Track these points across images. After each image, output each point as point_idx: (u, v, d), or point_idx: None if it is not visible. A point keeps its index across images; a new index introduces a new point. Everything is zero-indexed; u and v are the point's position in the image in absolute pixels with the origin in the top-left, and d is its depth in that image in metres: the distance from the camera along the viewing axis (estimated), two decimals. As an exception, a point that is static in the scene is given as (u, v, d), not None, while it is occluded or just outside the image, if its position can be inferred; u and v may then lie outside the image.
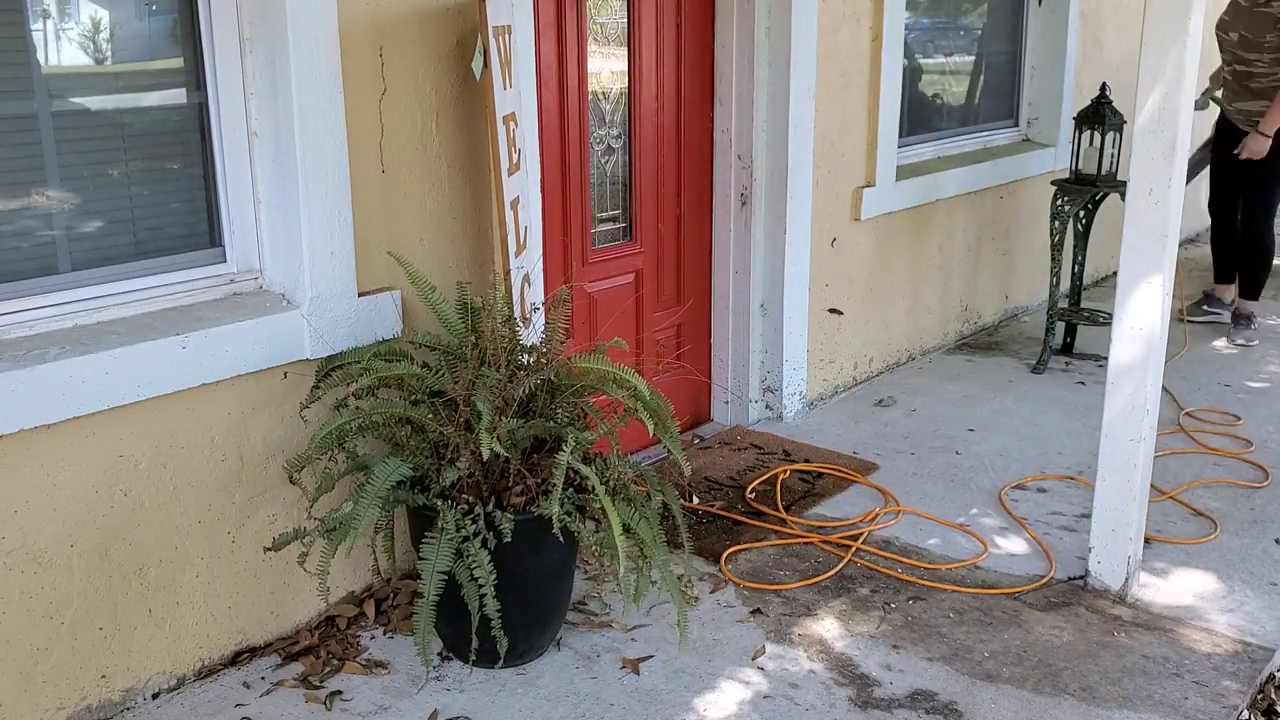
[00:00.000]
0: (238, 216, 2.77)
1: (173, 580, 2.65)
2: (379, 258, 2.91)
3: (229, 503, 2.72)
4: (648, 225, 3.97)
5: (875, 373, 4.90)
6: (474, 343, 2.72)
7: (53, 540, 2.43)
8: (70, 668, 2.49)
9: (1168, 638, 2.92)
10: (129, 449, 2.52)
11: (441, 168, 3.02)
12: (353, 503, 2.47)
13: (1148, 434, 2.98)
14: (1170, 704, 2.65)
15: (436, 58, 2.96)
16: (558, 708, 2.63)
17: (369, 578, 3.05)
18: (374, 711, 2.62)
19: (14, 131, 2.47)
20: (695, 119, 4.07)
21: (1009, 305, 5.77)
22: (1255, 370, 5.02)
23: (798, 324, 4.32)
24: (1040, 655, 2.84)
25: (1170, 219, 2.84)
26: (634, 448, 3.89)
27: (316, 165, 2.70)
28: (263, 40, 2.66)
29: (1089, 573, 3.14)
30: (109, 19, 2.63)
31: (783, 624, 2.98)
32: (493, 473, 2.62)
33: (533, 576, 2.70)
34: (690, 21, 3.97)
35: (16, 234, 2.50)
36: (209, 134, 2.72)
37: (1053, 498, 3.74)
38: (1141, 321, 2.90)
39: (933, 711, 2.62)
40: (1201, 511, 3.62)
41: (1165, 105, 2.79)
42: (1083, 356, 5.19)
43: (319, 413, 2.80)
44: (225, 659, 2.78)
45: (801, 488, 3.79)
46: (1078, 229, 5.18)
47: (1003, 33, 5.73)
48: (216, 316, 2.65)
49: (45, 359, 2.34)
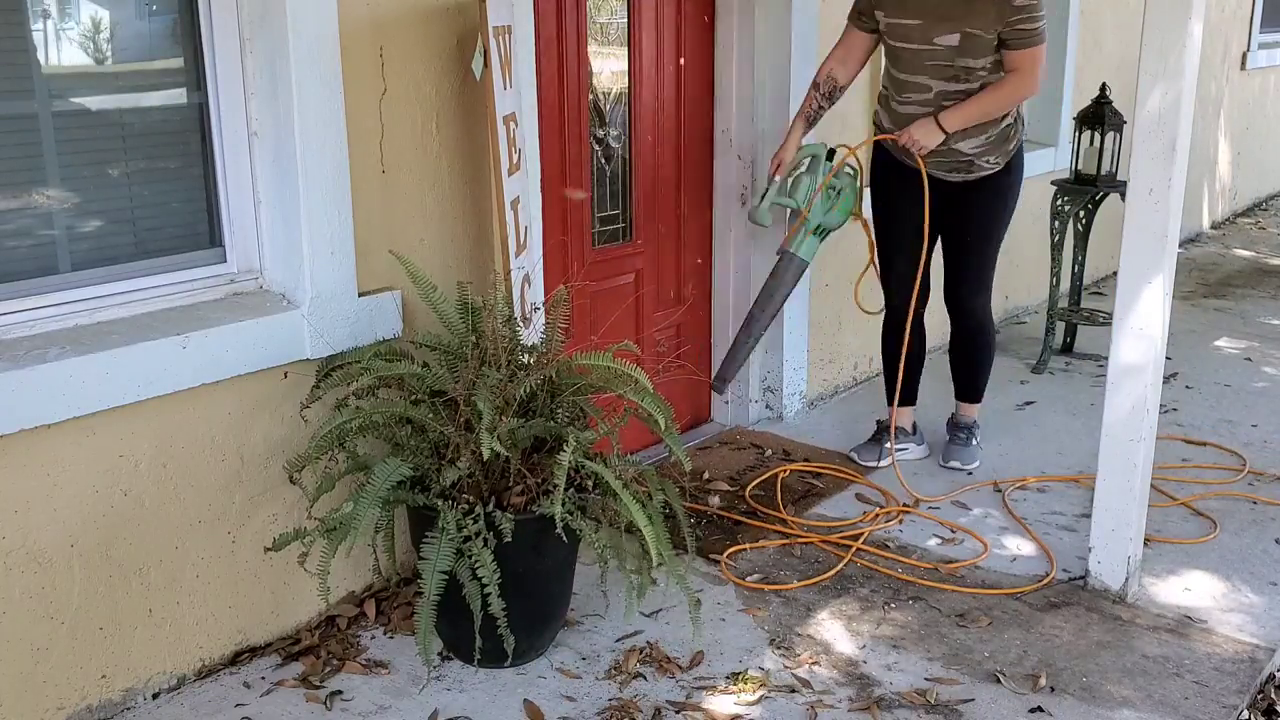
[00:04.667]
0: (238, 216, 2.77)
1: (173, 580, 2.65)
2: (379, 257, 2.91)
3: (229, 502, 2.72)
4: (647, 225, 3.97)
5: (875, 373, 4.90)
6: (474, 342, 2.72)
7: (53, 540, 2.43)
8: (70, 667, 2.49)
9: (1168, 638, 2.92)
10: (129, 449, 2.52)
11: (442, 167, 3.02)
12: (353, 503, 2.47)
13: (1148, 434, 2.98)
14: (1170, 704, 2.65)
15: (437, 58, 2.96)
16: (558, 708, 2.63)
17: (369, 577, 3.05)
18: (374, 711, 2.62)
19: (14, 131, 2.47)
20: (695, 119, 4.07)
21: (1009, 305, 5.77)
22: (1256, 371, 5.03)
23: (798, 324, 4.32)
24: (1040, 655, 2.84)
25: (1170, 219, 2.84)
26: (633, 447, 3.89)
27: (317, 165, 2.70)
28: (263, 40, 2.66)
29: (1089, 572, 3.14)
30: (109, 19, 2.63)
31: (783, 624, 2.98)
32: (493, 472, 2.62)
33: (533, 576, 2.70)
34: (690, 21, 3.97)
35: (16, 234, 2.50)
36: (209, 134, 2.72)
37: (1053, 498, 3.74)
38: (1142, 321, 2.90)
39: (933, 711, 2.62)
40: (1201, 512, 3.62)
41: (1165, 105, 2.79)
42: (1083, 356, 5.20)
43: (319, 412, 2.80)
44: (225, 659, 2.78)
45: (801, 487, 3.79)
46: (1078, 229, 5.19)
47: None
48: (217, 316, 2.65)
49: (45, 359, 2.34)
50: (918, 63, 3.49)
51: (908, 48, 3.50)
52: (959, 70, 3.46)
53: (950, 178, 3.64)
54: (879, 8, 3.53)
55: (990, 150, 3.58)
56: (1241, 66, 8.12)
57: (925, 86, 3.51)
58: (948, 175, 3.63)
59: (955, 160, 3.59)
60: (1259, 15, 8.24)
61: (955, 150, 3.55)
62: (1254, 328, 5.72)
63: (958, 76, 3.47)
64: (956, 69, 3.46)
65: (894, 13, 3.50)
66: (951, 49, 3.43)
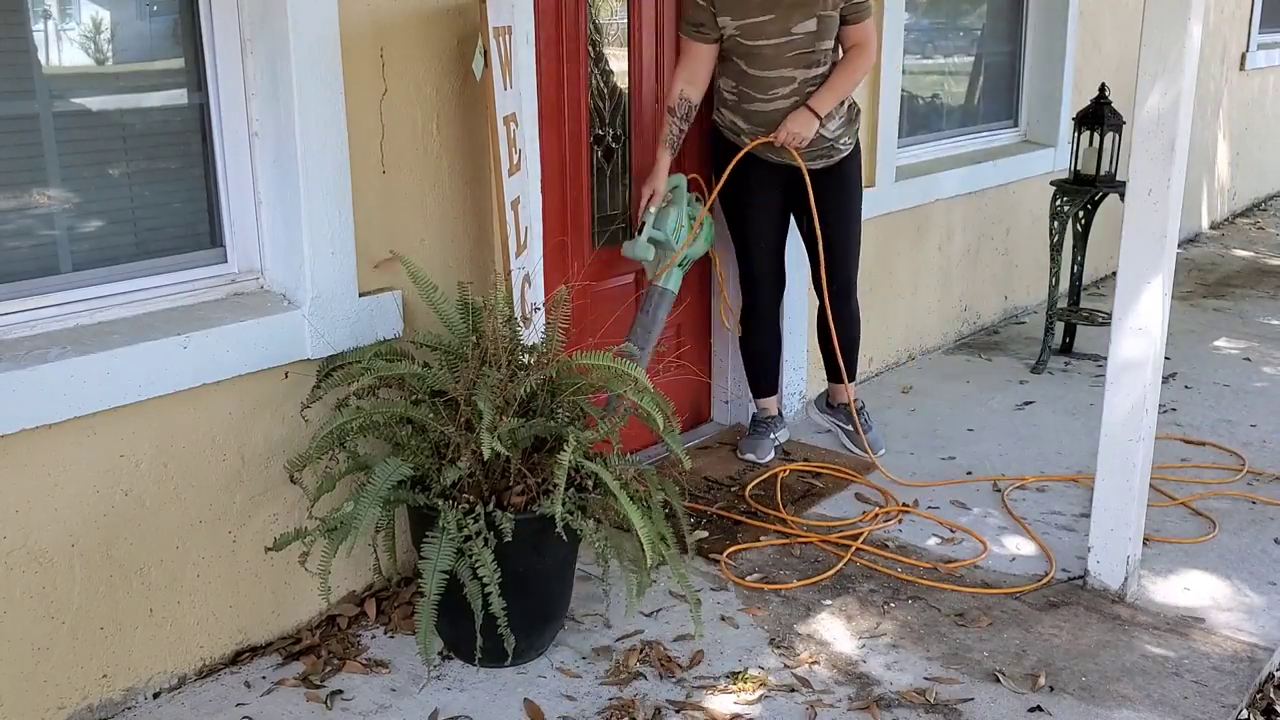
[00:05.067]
0: (239, 217, 2.78)
1: (174, 580, 2.65)
2: (380, 257, 2.91)
3: (230, 502, 2.73)
4: (648, 225, 3.97)
5: (875, 373, 4.91)
6: (475, 342, 2.73)
7: (54, 540, 2.43)
8: (71, 667, 2.50)
9: (1167, 637, 2.93)
10: (130, 449, 2.53)
11: (442, 168, 3.03)
12: (354, 502, 2.48)
13: (1147, 434, 2.99)
14: (1170, 703, 2.65)
15: (437, 58, 2.96)
16: (559, 707, 2.63)
17: (370, 577, 3.05)
18: (374, 710, 2.62)
19: (15, 132, 2.47)
20: (695, 118, 4.06)
21: (1008, 305, 5.78)
22: (1255, 371, 5.03)
23: (798, 324, 4.32)
24: (1040, 655, 2.84)
25: (1170, 219, 2.85)
26: (633, 447, 3.89)
27: (317, 166, 2.71)
28: (264, 41, 2.66)
29: (1088, 572, 3.15)
30: (110, 19, 2.63)
31: (782, 623, 2.98)
32: (493, 472, 2.63)
33: (533, 576, 2.70)
34: (690, 22, 3.96)
35: (17, 234, 2.50)
36: (210, 134, 2.73)
37: (1052, 497, 3.75)
38: (1141, 321, 2.91)
39: (932, 711, 2.62)
40: (1200, 511, 3.62)
41: (1164, 105, 2.79)
42: (1082, 356, 5.20)
43: (320, 412, 2.81)
44: (226, 658, 2.79)
45: (801, 487, 3.80)
46: (1077, 229, 5.19)
47: (1002, 33, 5.74)
48: (218, 316, 2.65)
49: (47, 359, 2.35)
50: (779, 57, 3.54)
51: (767, 44, 3.53)
52: (819, 54, 3.56)
53: (815, 165, 3.69)
54: (723, 13, 3.53)
55: (845, 130, 3.70)
56: (1240, 67, 8.12)
57: (789, 79, 3.56)
58: (813, 163, 3.68)
59: (820, 146, 3.65)
60: (1258, 16, 8.25)
61: (820, 135, 3.62)
62: (1253, 328, 5.72)
63: (817, 61, 3.57)
64: (817, 53, 3.56)
65: (741, 14, 3.52)
66: (810, 34, 3.53)
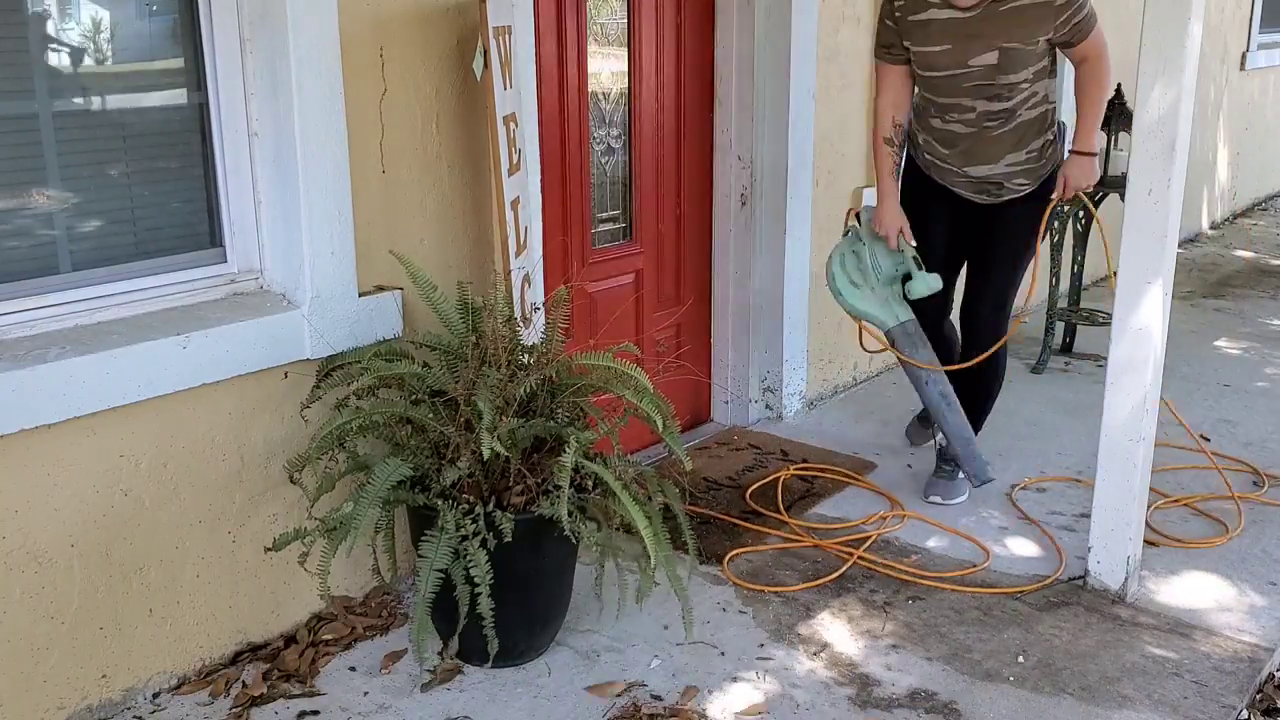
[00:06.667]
0: (238, 217, 2.78)
1: (173, 580, 2.65)
2: (380, 257, 2.91)
3: (230, 502, 2.72)
4: (648, 225, 3.97)
5: (875, 373, 4.90)
6: (474, 342, 2.73)
7: (53, 540, 2.43)
8: (70, 667, 2.50)
9: (1167, 637, 2.92)
10: (130, 449, 2.52)
11: (442, 168, 3.03)
12: (353, 503, 2.47)
13: (1148, 433, 2.98)
14: (1170, 704, 2.65)
15: (437, 58, 2.96)
16: (558, 707, 2.63)
17: (369, 577, 3.05)
18: (374, 711, 2.62)
19: (14, 131, 2.47)
20: (695, 119, 4.07)
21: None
22: (1255, 371, 5.03)
23: (798, 324, 4.32)
24: (1040, 655, 2.84)
25: (1170, 219, 2.84)
26: (633, 448, 3.89)
27: (317, 165, 2.71)
28: (263, 40, 2.66)
29: (1089, 572, 3.14)
30: (109, 19, 2.63)
31: (783, 624, 2.98)
32: (493, 472, 2.63)
33: (533, 576, 2.70)
34: (690, 22, 3.97)
35: (17, 234, 2.50)
36: (209, 134, 2.72)
37: (1052, 498, 3.74)
38: (1141, 321, 2.90)
39: (932, 711, 2.62)
40: (1201, 511, 3.62)
41: (1165, 105, 2.79)
42: (1082, 356, 5.20)
43: (319, 412, 2.80)
44: (226, 658, 2.78)
45: (801, 488, 3.79)
46: (1077, 229, 5.19)
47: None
48: (217, 316, 2.65)
49: (46, 359, 2.35)
50: (953, 87, 3.35)
51: (941, 75, 3.35)
52: (1000, 89, 3.31)
53: (976, 199, 3.52)
54: (906, 38, 3.36)
55: (1022, 172, 3.44)
56: (1241, 67, 8.13)
57: (968, 108, 3.37)
58: (974, 196, 3.51)
59: (989, 179, 3.46)
60: (1258, 16, 8.26)
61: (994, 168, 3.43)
62: (1253, 328, 5.72)
63: (1000, 95, 3.32)
64: (999, 87, 3.31)
65: (921, 41, 3.34)
66: (990, 68, 3.28)
